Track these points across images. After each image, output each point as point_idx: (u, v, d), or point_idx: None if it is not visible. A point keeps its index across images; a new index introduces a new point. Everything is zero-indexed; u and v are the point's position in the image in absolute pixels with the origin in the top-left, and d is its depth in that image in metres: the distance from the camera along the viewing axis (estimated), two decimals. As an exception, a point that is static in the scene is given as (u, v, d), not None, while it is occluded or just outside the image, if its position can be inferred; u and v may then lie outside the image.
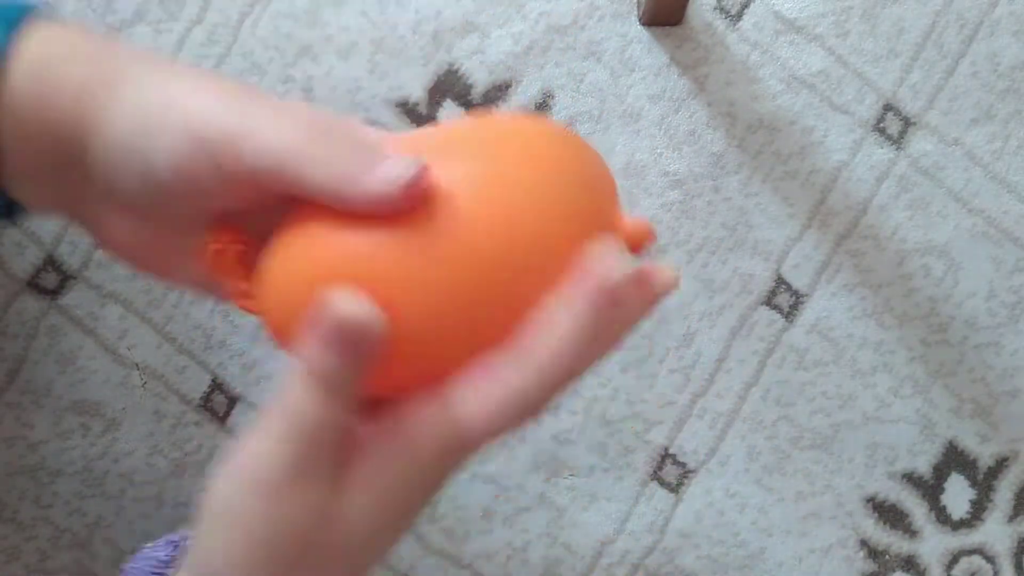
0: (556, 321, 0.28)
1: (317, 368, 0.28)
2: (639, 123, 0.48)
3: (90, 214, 0.32)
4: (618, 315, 0.29)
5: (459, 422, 0.28)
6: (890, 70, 0.49)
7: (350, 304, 0.27)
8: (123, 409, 0.46)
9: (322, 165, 0.28)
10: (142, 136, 0.29)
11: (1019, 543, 0.49)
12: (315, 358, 0.28)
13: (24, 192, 0.31)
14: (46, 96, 0.30)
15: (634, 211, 0.48)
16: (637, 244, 0.30)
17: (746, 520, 0.48)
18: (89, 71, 0.30)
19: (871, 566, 0.48)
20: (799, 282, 0.48)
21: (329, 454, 0.28)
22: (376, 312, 0.27)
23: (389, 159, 0.28)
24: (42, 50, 0.31)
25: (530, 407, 0.28)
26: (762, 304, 0.48)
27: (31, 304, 0.46)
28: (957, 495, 0.49)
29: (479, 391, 0.28)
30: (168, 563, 0.32)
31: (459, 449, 0.29)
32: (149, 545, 0.34)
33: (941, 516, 0.49)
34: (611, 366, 0.48)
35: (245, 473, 0.29)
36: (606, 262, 0.28)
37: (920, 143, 0.49)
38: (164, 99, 0.29)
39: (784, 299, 0.48)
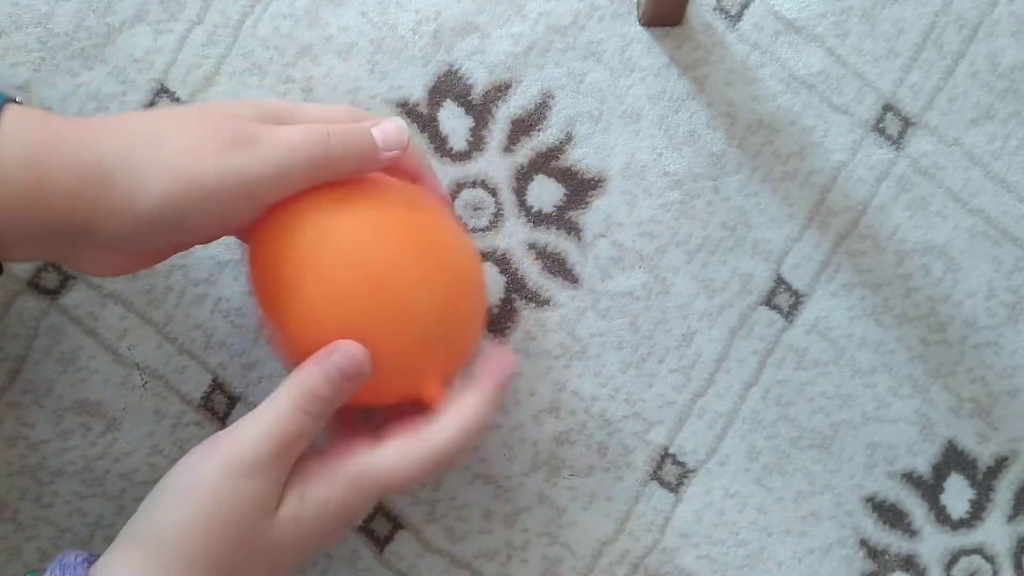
0: (467, 402, 0.38)
1: (311, 392, 0.35)
2: (639, 123, 0.48)
3: (75, 260, 0.37)
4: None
5: (381, 471, 0.36)
6: (890, 70, 0.49)
7: (356, 354, 0.36)
8: (123, 409, 0.46)
9: (342, 162, 0.37)
10: (173, 217, 0.34)
11: (1019, 543, 0.49)
12: (316, 385, 0.35)
13: (7, 255, 0.35)
14: (40, 194, 0.33)
15: (634, 211, 0.48)
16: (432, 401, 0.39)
17: (746, 520, 0.48)
18: (80, 161, 0.34)
19: (871, 566, 0.48)
20: (799, 282, 0.48)
21: (293, 458, 0.35)
22: (369, 362, 0.36)
23: (377, 127, 0.38)
24: (21, 135, 0.34)
25: (441, 464, 0.37)
26: (762, 304, 0.48)
27: (31, 304, 0.46)
28: (957, 495, 0.49)
29: (402, 450, 0.37)
30: None
31: (377, 491, 0.37)
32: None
33: (941, 516, 0.49)
34: (611, 366, 0.48)
35: (225, 454, 0.34)
36: (507, 359, 0.40)
37: (920, 143, 0.49)
38: (189, 173, 0.34)
39: (784, 299, 0.48)
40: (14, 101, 0.35)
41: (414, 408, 0.39)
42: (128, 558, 0.33)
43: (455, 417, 0.38)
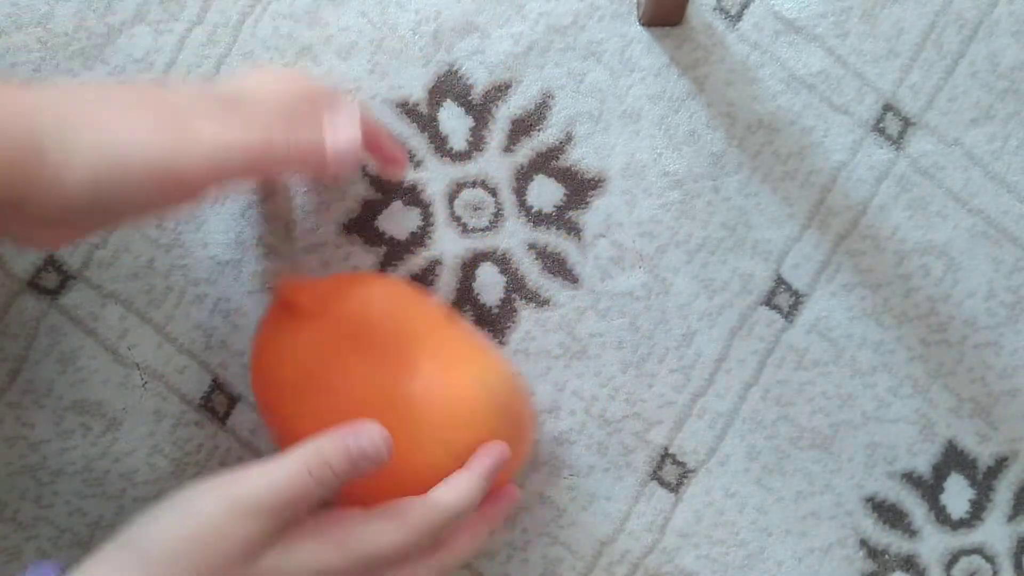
0: (459, 479, 0.39)
1: (326, 462, 0.35)
2: (639, 123, 0.48)
3: (12, 232, 0.36)
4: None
5: (368, 537, 0.36)
6: (890, 70, 0.49)
7: (378, 439, 0.36)
8: (123, 409, 0.46)
9: (284, 161, 0.36)
10: (100, 199, 0.33)
11: (1019, 543, 0.49)
12: (333, 457, 0.36)
13: None
14: None
15: (634, 211, 0.48)
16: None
17: (746, 520, 0.48)
18: (10, 133, 0.32)
19: (871, 566, 0.48)
20: (799, 282, 0.48)
21: (291, 516, 0.35)
22: (390, 451, 0.36)
23: (333, 126, 0.37)
24: None
25: (428, 533, 0.37)
26: (762, 304, 0.48)
27: (31, 304, 0.46)
28: (957, 495, 0.49)
29: (391, 519, 0.37)
30: None
31: (363, 557, 0.36)
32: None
33: (941, 516, 0.49)
34: (611, 366, 0.48)
35: (232, 489, 0.34)
36: (500, 451, 0.40)
37: (920, 143, 0.49)
38: (117, 156, 0.33)
39: (784, 299, 0.48)
40: None
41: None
42: (114, 566, 0.33)
43: (445, 489, 0.39)
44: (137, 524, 0.35)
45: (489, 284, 0.48)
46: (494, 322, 0.48)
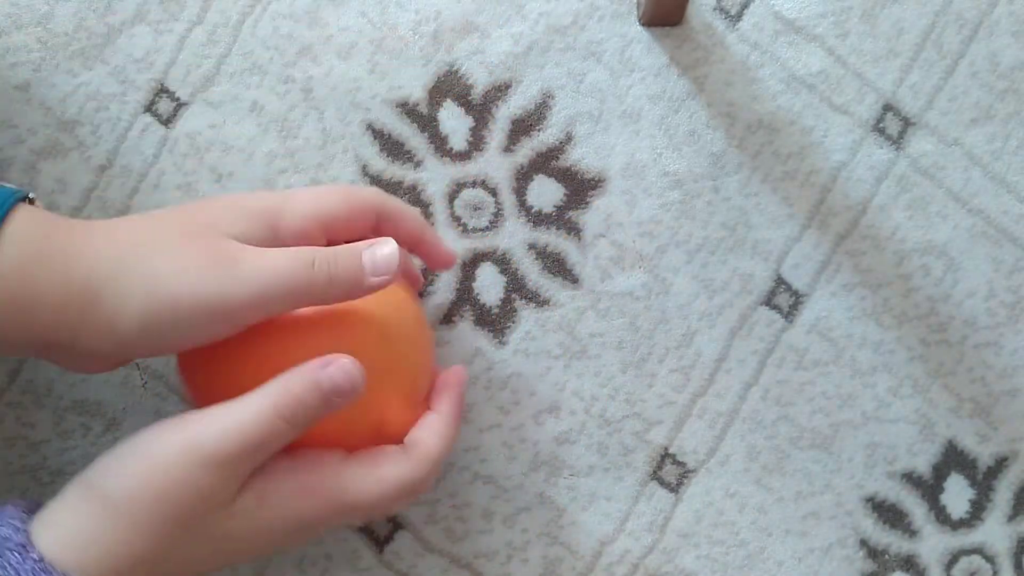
0: (431, 426, 0.39)
1: (297, 399, 0.34)
2: (639, 123, 0.48)
3: (60, 361, 0.37)
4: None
5: (349, 490, 0.36)
6: (890, 70, 0.49)
7: (352, 370, 0.35)
8: (124, 409, 0.46)
9: (329, 283, 0.36)
10: (151, 337, 0.35)
11: (1019, 543, 0.49)
12: (304, 393, 0.35)
13: None
14: (28, 305, 0.34)
15: (634, 211, 0.48)
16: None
17: (746, 520, 0.48)
18: (70, 278, 0.34)
19: (871, 566, 0.48)
20: (799, 282, 0.48)
21: (260, 460, 0.35)
22: (364, 381, 0.36)
23: (368, 251, 0.37)
24: (23, 241, 0.34)
25: (410, 489, 0.37)
26: (762, 304, 0.48)
27: (31, 304, 0.46)
28: (957, 495, 0.49)
29: (372, 471, 0.37)
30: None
31: (344, 514, 0.37)
32: None
33: (941, 516, 0.49)
34: (611, 366, 0.48)
35: (189, 437, 0.34)
36: (457, 374, 0.42)
37: (920, 143, 0.49)
38: (167, 298, 0.34)
39: (784, 299, 0.48)
40: (27, 199, 0.36)
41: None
42: (76, 508, 0.33)
43: (423, 441, 0.39)
44: (101, 466, 0.34)
45: (489, 284, 0.48)
46: (494, 322, 0.48)
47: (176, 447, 0.34)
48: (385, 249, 0.37)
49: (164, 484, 0.33)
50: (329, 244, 0.39)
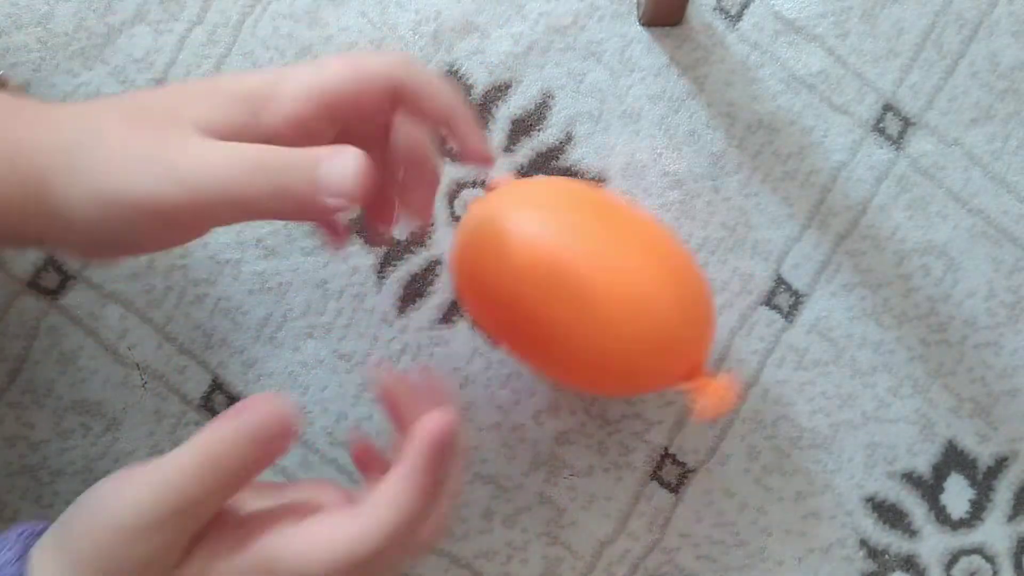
0: (396, 483, 0.31)
1: (216, 457, 0.30)
2: (639, 123, 0.48)
3: (56, 251, 0.35)
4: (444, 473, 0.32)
5: (293, 557, 0.30)
6: (890, 70, 0.49)
7: (272, 413, 0.30)
8: (124, 409, 0.46)
9: (273, 196, 0.30)
10: (106, 234, 0.31)
11: (1019, 543, 0.49)
12: (222, 451, 0.30)
13: None
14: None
15: (634, 211, 0.48)
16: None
17: (746, 520, 0.48)
18: (17, 173, 0.31)
19: (871, 566, 0.49)
20: (799, 282, 0.48)
21: (195, 520, 0.30)
22: (294, 420, 0.30)
23: (328, 162, 0.30)
24: None
25: (366, 557, 0.30)
26: (762, 304, 0.48)
27: (31, 304, 0.46)
28: (957, 495, 0.49)
29: (319, 534, 0.30)
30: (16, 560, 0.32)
31: None
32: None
33: (941, 516, 0.49)
34: (611, 366, 0.48)
35: (116, 510, 0.30)
36: (441, 422, 0.31)
37: (920, 143, 0.49)
38: (111, 195, 0.30)
39: (784, 299, 0.48)
40: None
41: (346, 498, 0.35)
42: (48, 553, 0.31)
43: (383, 500, 0.31)
44: (77, 510, 0.32)
45: (489, 284, 0.48)
46: (494, 322, 0.48)
47: (129, 504, 0.30)
48: (345, 162, 0.30)
49: (119, 545, 0.30)
50: (341, 133, 0.33)
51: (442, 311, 0.48)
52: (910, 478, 0.49)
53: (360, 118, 0.33)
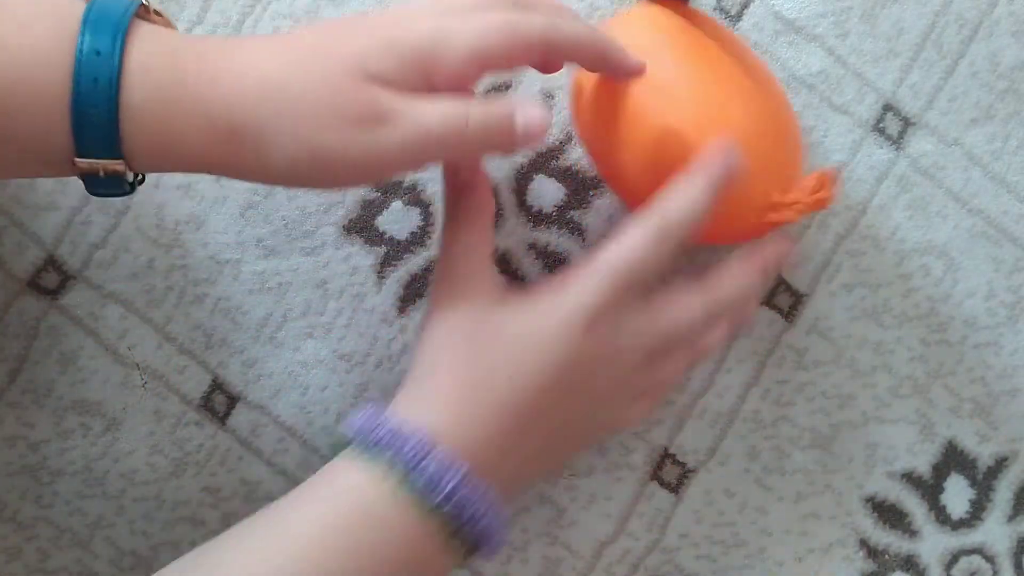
0: (680, 188, 0.39)
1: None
2: (639, 123, 0.48)
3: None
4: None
5: (614, 252, 0.39)
6: (890, 70, 0.49)
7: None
8: (123, 409, 0.46)
9: (481, 146, 0.37)
10: (300, 182, 0.36)
11: (1019, 543, 0.49)
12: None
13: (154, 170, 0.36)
14: (171, 144, 0.34)
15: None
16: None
17: (746, 520, 0.48)
18: (210, 121, 0.34)
19: (871, 566, 0.49)
20: (799, 282, 0.48)
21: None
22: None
23: (521, 111, 0.37)
24: (149, 81, 0.33)
25: (667, 230, 0.39)
26: (762, 304, 0.48)
27: (31, 304, 0.46)
28: (957, 495, 0.49)
29: (626, 231, 0.39)
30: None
31: (614, 270, 0.39)
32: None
33: (941, 516, 0.49)
34: (611, 366, 0.48)
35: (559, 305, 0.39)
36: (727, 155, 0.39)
37: (920, 143, 0.49)
38: (310, 155, 0.34)
39: (784, 299, 0.48)
40: (143, 6, 0.35)
41: None
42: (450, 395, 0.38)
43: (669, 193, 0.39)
44: (478, 360, 0.38)
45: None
46: (494, 322, 0.48)
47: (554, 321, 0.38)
48: (538, 112, 0.36)
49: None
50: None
51: (442, 311, 0.47)
52: (910, 478, 0.49)
53: (503, 71, 0.41)
